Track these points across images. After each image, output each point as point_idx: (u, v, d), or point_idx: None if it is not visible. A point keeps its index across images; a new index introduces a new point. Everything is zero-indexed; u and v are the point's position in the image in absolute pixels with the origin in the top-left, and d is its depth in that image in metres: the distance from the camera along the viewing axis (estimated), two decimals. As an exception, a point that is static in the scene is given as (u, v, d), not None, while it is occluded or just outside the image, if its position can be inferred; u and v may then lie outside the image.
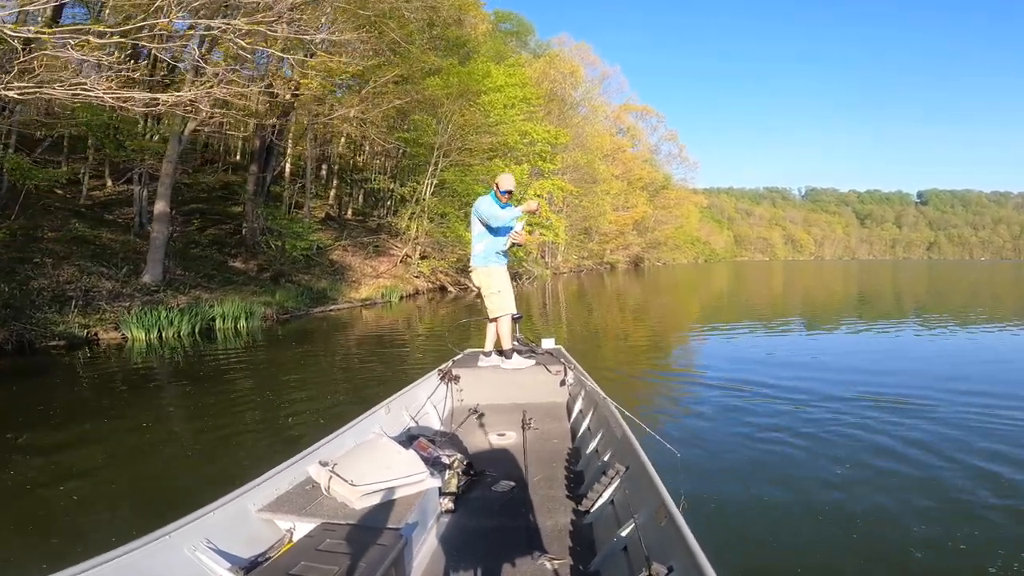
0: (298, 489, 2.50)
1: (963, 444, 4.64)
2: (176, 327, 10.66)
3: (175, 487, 4.10)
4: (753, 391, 6.46)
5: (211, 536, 2.03)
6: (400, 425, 3.72)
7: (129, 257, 13.43)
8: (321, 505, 2.36)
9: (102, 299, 11.14)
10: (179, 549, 1.90)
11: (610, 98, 57.56)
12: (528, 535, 2.40)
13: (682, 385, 7.28)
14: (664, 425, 5.15)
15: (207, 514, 2.08)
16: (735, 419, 5.44)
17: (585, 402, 4.06)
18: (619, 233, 55.03)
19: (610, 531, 2.25)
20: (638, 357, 9.78)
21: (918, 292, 26.01)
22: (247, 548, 2.13)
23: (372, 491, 2.36)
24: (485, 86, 22.39)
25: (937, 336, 11.39)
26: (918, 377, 7.24)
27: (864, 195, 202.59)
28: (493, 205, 4.70)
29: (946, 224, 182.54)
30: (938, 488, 3.83)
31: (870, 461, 4.30)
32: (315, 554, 1.94)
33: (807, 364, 8.43)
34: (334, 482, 2.42)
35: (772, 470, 4.17)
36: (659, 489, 2.08)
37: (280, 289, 15.56)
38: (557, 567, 2.14)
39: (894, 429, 5.01)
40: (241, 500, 2.26)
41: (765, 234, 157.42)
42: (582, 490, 2.80)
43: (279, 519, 2.32)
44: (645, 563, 1.74)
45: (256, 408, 6.18)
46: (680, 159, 74.22)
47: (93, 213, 16.89)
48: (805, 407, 5.80)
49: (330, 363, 9.07)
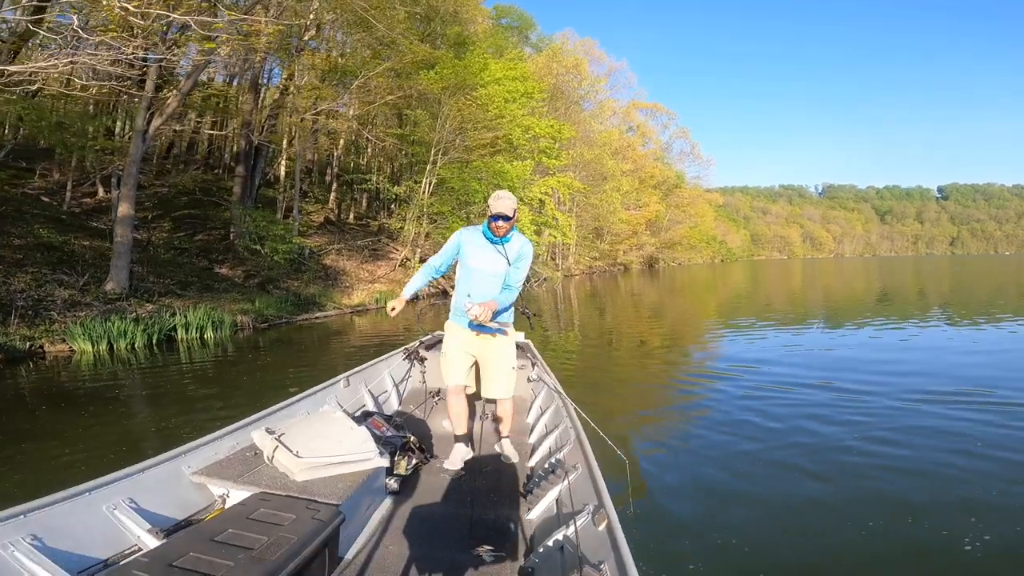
0: (238, 455, 2.46)
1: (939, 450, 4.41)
2: (129, 338, 9.61)
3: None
4: (732, 408, 5.87)
5: (136, 495, 2.00)
6: (357, 401, 3.64)
7: (97, 264, 12.51)
8: (260, 473, 2.30)
9: (55, 308, 10.16)
10: (98, 506, 1.87)
11: (618, 94, 56.17)
12: (469, 525, 2.34)
13: (653, 395, 6.88)
14: (622, 432, 4.90)
15: (135, 473, 2.04)
16: (704, 433, 5.05)
17: (545, 399, 4.02)
18: (632, 233, 53.44)
19: (550, 529, 2.22)
20: (645, 361, 8.71)
21: (941, 288, 24.34)
22: (174, 510, 2.08)
23: (317, 464, 2.29)
24: (483, 79, 21.29)
25: (944, 332, 10.68)
26: (866, 366, 7.30)
27: (883, 191, 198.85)
28: (482, 245, 3.11)
29: (969, 218, 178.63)
30: (897, 482, 3.82)
31: (825, 463, 4.19)
32: (245, 522, 1.84)
33: (833, 367, 7.64)
34: (279, 452, 2.34)
35: (726, 484, 3.95)
36: (602, 493, 2.13)
37: (263, 296, 14.54)
38: (492, 560, 2.11)
39: (846, 417, 5.10)
40: (175, 462, 2.22)
41: (782, 232, 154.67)
42: (529, 486, 2.77)
43: (213, 484, 2.25)
44: (578, 565, 1.74)
45: (153, 433, 5.06)
46: (693, 156, 72.52)
47: (76, 220, 16.13)
48: (782, 416, 5.41)
49: (287, 377, 7.96)
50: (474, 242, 3.09)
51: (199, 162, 26.24)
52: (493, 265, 3.05)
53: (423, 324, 14.28)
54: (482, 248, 3.07)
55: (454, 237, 3.17)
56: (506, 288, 3.07)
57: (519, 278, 3.10)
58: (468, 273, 3.11)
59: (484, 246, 3.07)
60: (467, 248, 3.09)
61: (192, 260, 16.06)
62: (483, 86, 21.48)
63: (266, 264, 16.73)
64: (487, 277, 3.07)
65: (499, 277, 3.07)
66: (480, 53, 22.56)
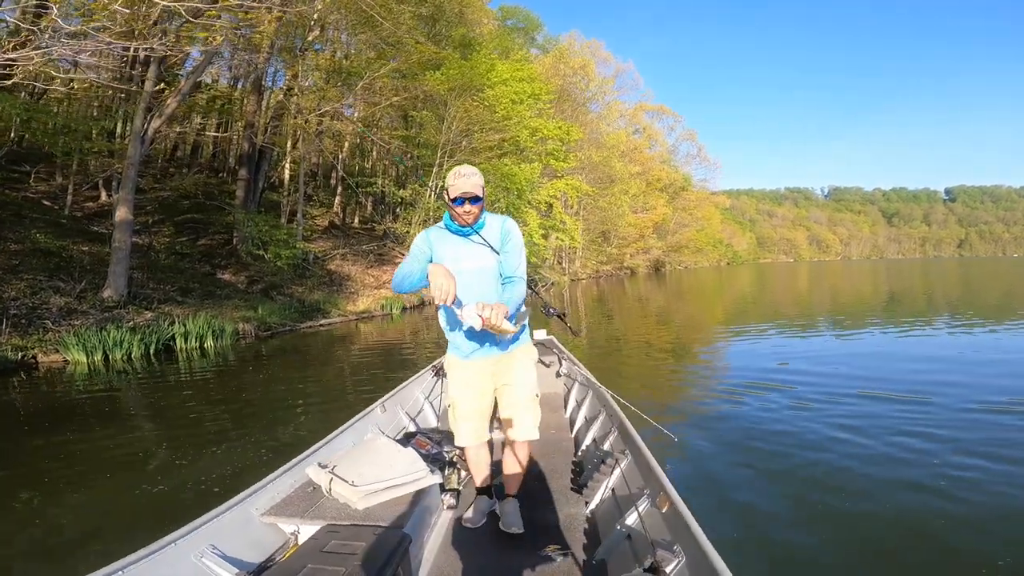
0: (299, 492, 2.48)
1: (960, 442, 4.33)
2: (125, 348, 9.21)
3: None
4: (765, 390, 6.20)
5: (216, 542, 2.02)
6: (397, 423, 3.66)
7: (96, 270, 12.13)
8: (324, 507, 2.34)
9: (50, 317, 9.77)
10: (186, 556, 1.88)
11: (625, 95, 55.76)
12: (532, 527, 2.31)
13: (687, 380, 7.23)
14: (664, 414, 5.02)
15: (211, 520, 2.04)
16: (739, 413, 5.26)
17: (580, 392, 4.05)
18: (639, 236, 52.96)
19: (613, 519, 2.21)
20: (657, 359, 8.31)
21: (951, 291, 23.68)
22: (253, 552, 2.12)
23: (373, 491, 2.33)
24: (489, 80, 20.89)
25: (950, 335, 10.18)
26: (915, 375, 6.91)
27: (890, 193, 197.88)
28: (455, 242, 2.39)
29: (976, 220, 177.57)
30: (953, 489, 3.53)
31: (873, 456, 4.10)
32: (321, 556, 1.90)
33: (822, 364, 7.68)
34: (335, 483, 2.38)
35: (772, 457, 4.06)
36: (659, 476, 2.11)
37: (266, 303, 14.14)
38: (562, 558, 2.10)
39: (899, 424, 4.82)
40: (244, 505, 2.23)
41: (789, 235, 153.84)
42: (582, 480, 2.77)
43: (283, 523, 2.28)
44: (650, 549, 1.73)
45: (139, 457, 4.63)
46: (700, 159, 72.07)
47: (77, 224, 15.78)
48: (812, 404, 5.53)
49: (292, 390, 7.53)
50: (444, 240, 2.37)
51: (203, 165, 25.94)
52: (478, 260, 2.33)
53: (430, 331, 13.85)
54: (456, 245, 2.35)
55: (419, 241, 2.41)
56: (508, 282, 2.35)
57: (517, 264, 2.37)
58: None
59: (458, 243, 2.35)
60: (440, 249, 2.35)
61: (194, 266, 15.68)
62: (490, 87, 21.09)
63: (269, 270, 16.34)
64: (477, 276, 2.33)
65: (492, 272, 2.35)
66: (486, 54, 22.18)
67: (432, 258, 2.35)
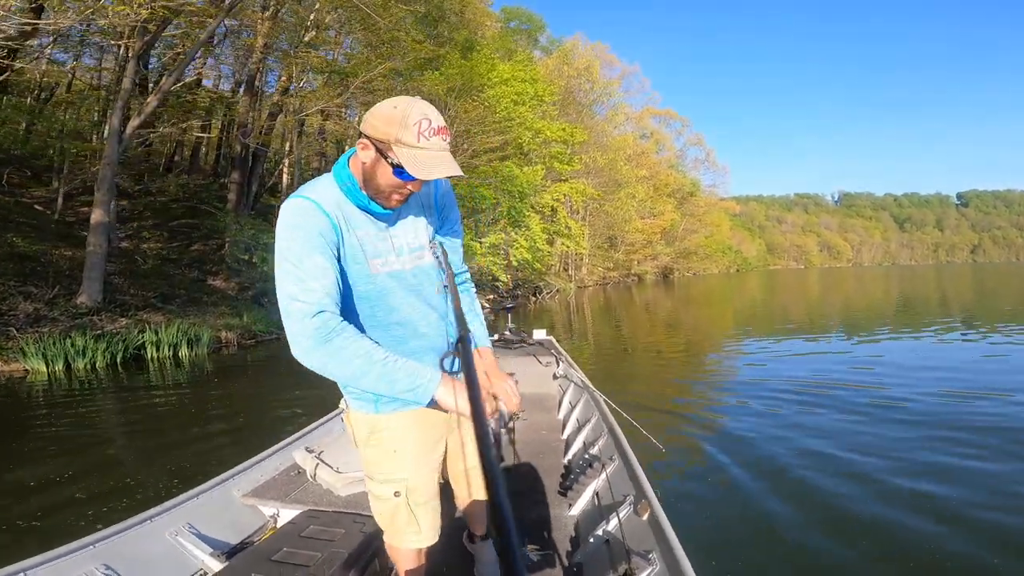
0: (283, 475, 2.49)
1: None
2: (89, 357, 8.59)
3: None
4: (767, 402, 5.93)
5: (194, 521, 2.01)
6: None
7: (74, 276, 11.57)
8: (306, 491, 2.35)
9: (15, 324, 9.20)
10: (160, 533, 1.88)
11: (632, 99, 55.17)
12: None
13: (687, 390, 7.09)
14: (657, 422, 4.94)
15: (190, 499, 2.05)
16: (735, 428, 5.05)
17: (575, 394, 4.08)
18: (646, 242, 52.05)
19: (594, 524, 2.17)
20: (661, 368, 8.20)
21: (965, 297, 22.70)
22: (230, 533, 2.10)
23: (358, 478, 2.29)
24: (490, 80, 20.29)
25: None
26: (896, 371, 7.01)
27: (902, 198, 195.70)
28: (376, 229, 1.32)
29: (990, 226, 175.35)
30: (927, 501, 3.39)
31: (857, 467, 3.95)
32: (298, 540, 1.89)
33: (825, 384, 6.88)
34: (320, 469, 2.39)
35: (758, 471, 3.92)
36: (643, 483, 2.12)
37: (254, 310, 13.54)
38: (540, 558, 2.05)
39: (880, 430, 4.74)
40: (225, 486, 2.24)
41: (799, 241, 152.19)
42: (568, 482, 2.75)
43: (263, 505, 2.29)
44: (626, 556, 1.73)
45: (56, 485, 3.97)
46: (708, 164, 71.27)
47: (67, 229, 15.27)
48: (809, 424, 5.15)
49: (264, 406, 6.88)
50: (358, 227, 1.30)
51: (206, 171, 25.49)
52: (411, 259, 1.37)
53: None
54: (376, 240, 1.32)
55: (311, 223, 1.23)
56: (461, 288, 1.56)
57: (459, 249, 1.56)
58: (379, 295, 1.33)
59: (377, 235, 1.32)
60: (353, 244, 1.29)
61: (182, 271, 15.14)
62: (491, 87, 20.50)
63: (260, 276, 15.76)
64: (413, 293, 1.38)
65: (431, 277, 1.42)
66: (488, 54, 21.61)
67: (343, 262, 1.27)
